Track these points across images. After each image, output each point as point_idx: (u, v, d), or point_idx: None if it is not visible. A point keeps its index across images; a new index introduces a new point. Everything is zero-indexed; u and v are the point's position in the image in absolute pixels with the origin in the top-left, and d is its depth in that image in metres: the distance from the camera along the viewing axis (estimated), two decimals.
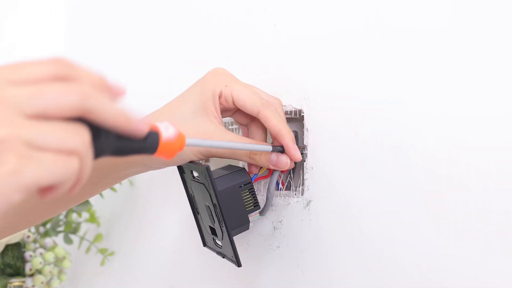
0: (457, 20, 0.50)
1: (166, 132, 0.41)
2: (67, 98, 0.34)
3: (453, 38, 0.50)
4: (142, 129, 0.39)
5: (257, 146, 0.58)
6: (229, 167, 0.63)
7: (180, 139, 0.43)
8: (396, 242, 0.54)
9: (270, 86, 0.63)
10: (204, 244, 0.65)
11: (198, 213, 0.63)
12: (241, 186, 0.59)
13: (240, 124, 0.65)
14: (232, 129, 0.72)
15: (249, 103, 0.59)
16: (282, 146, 0.59)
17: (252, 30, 0.71)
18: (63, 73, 0.36)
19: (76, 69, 0.37)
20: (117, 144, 0.38)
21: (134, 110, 0.39)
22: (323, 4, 0.62)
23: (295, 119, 0.64)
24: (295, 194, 0.64)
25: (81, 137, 0.35)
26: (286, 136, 0.58)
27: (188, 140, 0.46)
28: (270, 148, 0.58)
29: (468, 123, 0.49)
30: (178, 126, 0.43)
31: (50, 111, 0.34)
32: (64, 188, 0.35)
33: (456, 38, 0.50)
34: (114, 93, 0.39)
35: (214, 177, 0.56)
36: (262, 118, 0.59)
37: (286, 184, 0.66)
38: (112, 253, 0.94)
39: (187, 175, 0.61)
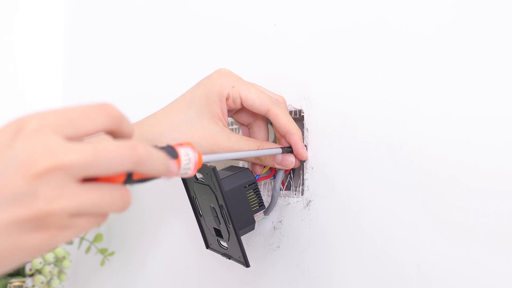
0: (457, 21, 0.50)
1: (184, 170, 0.44)
2: (121, 166, 0.36)
3: (453, 38, 0.50)
4: (175, 173, 0.42)
5: (268, 151, 0.59)
6: (232, 167, 0.63)
7: (198, 161, 0.45)
8: (396, 242, 0.54)
9: (270, 86, 0.63)
10: (207, 247, 0.65)
11: (201, 215, 0.63)
12: (246, 187, 0.59)
13: (241, 124, 0.65)
14: (232, 129, 0.72)
15: (258, 102, 0.59)
16: (290, 147, 0.60)
17: (252, 30, 0.71)
18: (114, 128, 0.37)
19: (122, 123, 0.38)
20: (142, 181, 0.41)
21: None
22: (323, 4, 0.62)
23: (295, 119, 0.64)
24: (295, 194, 0.64)
25: (123, 203, 0.37)
26: (296, 134, 0.59)
27: (205, 157, 0.48)
28: (280, 150, 0.59)
29: (468, 123, 0.49)
30: (197, 151, 0.45)
31: (102, 174, 0.35)
32: None
33: (456, 39, 0.50)
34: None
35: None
36: (272, 116, 0.59)
37: (286, 184, 0.66)
38: (112, 253, 0.94)
39: (188, 178, 0.61)
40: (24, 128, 0.34)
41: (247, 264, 0.58)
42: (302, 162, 0.63)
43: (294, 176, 0.66)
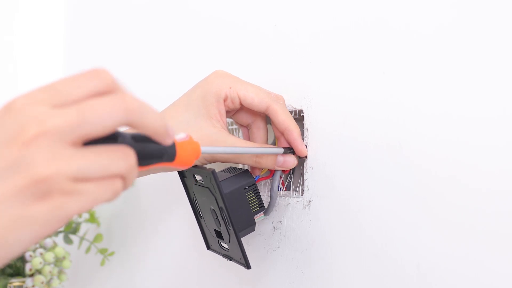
0: (457, 21, 0.50)
1: (179, 137, 0.42)
2: (110, 119, 0.34)
3: (453, 38, 0.50)
4: (172, 138, 0.39)
5: (270, 149, 0.59)
6: (231, 169, 0.63)
7: (195, 147, 0.44)
8: (396, 242, 0.54)
9: (270, 86, 0.63)
10: (208, 247, 0.65)
11: (201, 216, 0.63)
12: (245, 188, 0.59)
13: (241, 125, 0.65)
14: (232, 129, 0.72)
15: (257, 100, 0.59)
16: (290, 148, 0.60)
17: (252, 30, 0.71)
18: (104, 88, 0.35)
19: (116, 87, 0.36)
20: (142, 151, 0.39)
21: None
22: (323, 4, 0.62)
23: (295, 119, 0.64)
24: (295, 194, 0.64)
25: (127, 162, 0.35)
26: (295, 130, 0.59)
27: (203, 148, 0.47)
28: (281, 150, 0.59)
29: (468, 123, 0.49)
30: (190, 137, 0.44)
31: (95, 133, 0.34)
32: (109, 202, 0.36)
33: (456, 39, 0.50)
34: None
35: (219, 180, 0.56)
36: (272, 112, 0.59)
37: (286, 184, 0.66)
38: (112, 253, 0.94)
39: (188, 180, 0.61)
40: (13, 105, 0.34)
41: (248, 266, 0.58)
42: (302, 162, 0.63)
43: (294, 176, 0.66)
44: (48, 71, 1.17)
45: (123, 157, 0.35)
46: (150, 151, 0.39)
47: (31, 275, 0.89)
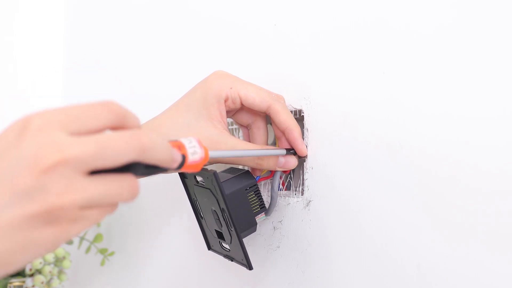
0: (457, 21, 0.50)
1: (193, 156, 0.44)
2: (126, 156, 0.36)
3: (453, 38, 0.50)
4: (179, 161, 0.42)
5: (272, 151, 0.59)
6: (232, 169, 0.63)
7: (204, 155, 0.45)
8: (396, 242, 0.54)
9: (270, 86, 0.63)
10: (209, 248, 0.65)
11: (202, 217, 0.63)
12: (247, 189, 0.59)
13: (241, 125, 0.65)
14: (232, 129, 0.72)
15: (258, 99, 0.59)
16: (292, 149, 0.61)
17: (252, 30, 0.71)
18: (117, 124, 0.38)
19: (126, 119, 0.38)
20: (149, 172, 0.40)
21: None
22: (323, 4, 0.62)
23: (295, 119, 0.64)
24: (295, 194, 0.64)
25: (131, 193, 0.38)
26: (295, 130, 0.60)
27: (211, 153, 0.48)
28: (284, 152, 0.60)
29: (468, 123, 0.49)
30: (203, 146, 0.45)
31: (107, 166, 0.36)
32: None
33: (456, 39, 0.50)
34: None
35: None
36: (272, 112, 0.59)
37: (286, 184, 0.66)
38: (112, 253, 0.94)
39: (189, 180, 0.61)
40: (29, 126, 0.35)
41: (250, 267, 0.58)
42: (302, 162, 0.63)
43: (294, 176, 0.66)
44: (48, 71, 1.17)
45: (128, 189, 0.37)
46: (159, 170, 0.41)
47: (31, 275, 0.89)
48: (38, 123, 0.35)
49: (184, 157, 0.43)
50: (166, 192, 0.86)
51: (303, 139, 0.62)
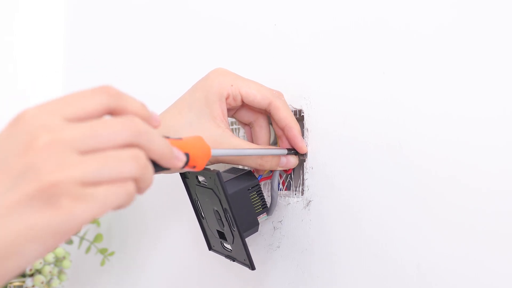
0: (457, 21, 0.50)
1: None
2: (120, 136, 0.35)
3: (453, 38, 0.50)
4: (182, 160, 0.41)
5: (274, 151, 0.59)
6: (234, 169, 0.63)
7: (206, 151, 0.45)
8: (396, 242, 0.54)
9: (270, 86, 0.63)
10: (210, 248, 0.65)
11: (203, 217, 0.63)
12: (249, 189, 0.59)
13: (243, 123, 0.65)
14: (233, 129, 0.72)
15: (259, 97, 0.59)
16: (293, 149, 0.61)
17: (252, 30, 0.71)
18: (113, 105, 0.37)
19: (124, 99, 0.38)
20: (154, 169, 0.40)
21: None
22: (323, 4, 0.62)
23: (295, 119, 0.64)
24: (295, 194, 0.64)
25: (137, 162, 0.36)
26: (295, 127, 0.60)
27: (214, 151, 0.48)
28: (285, 152, 0.60)
29: (468, 123, 0.49)
30: (202, 138, 0.45)
31: (103, 147, 0.35)
32: (124, 206, 0.36)
33: (456, 39, 0.50)
34: (152, 122, 0.40)
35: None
36: (273, 108, 0.59)
37: (286, 184, 0.66)
38: (112, 253, 0.94)
39: (190, 180, 0.61)
40: (25, 116, 0.35)
41: (252, 267, 0.58)
42: (302, 162, 0.63)
43: (294, 176, 0.66)
44: (48, 71, 1.17)
45: (133, 158, 0.36)
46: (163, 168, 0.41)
47: (31, 275, 0.89)
48: (32, 112, 0.35)
49: (188, 156, 0.43)
50: (167, 192, 0.86)
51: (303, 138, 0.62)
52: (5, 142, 0.34)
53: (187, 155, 0.43)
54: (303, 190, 0.63)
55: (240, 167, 0.69)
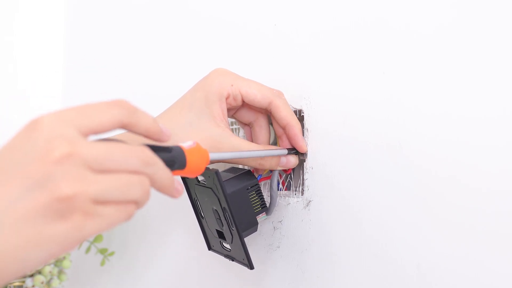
0: (457, 21, 0.50)
1: (187, 144, 0.45)
2: (131, 162, 0.37)
3: (453, 38, 0.50)
4: (180, 192, 0.43)
5: (275, 151, 0.59)
6: (233, 169, 0.63)
7: (204, 155, 0.46)
8: (396, 242, 0.54)
9: (270, 86, 0.63)
10: (209, 248, 0.65)
11: (202, 217, 0.63)
12: (248, 189, 0.59)
13: (243, 123, 0.65)
14: (233, 129, 0.72)
15: (260, 96, 0.59)
16: (293, 149, 0.61)
17: (252, 30, 0.71)
18: (127, 120, 0.39)
19: (138, 114, 0.40)
20: None
21: None
22: (323, 4, 0.62)
23: None
24: (295, 194, 0.64)
25: (143, 189, 0.38)
26: (296, 126, 0.60)
27: (212, 155, 0.49)
28: (285, 152, 0.60)
29: (468, 123, 0.49)
30: (198, 144, 0.46)
31: (115, 169, 0.37)
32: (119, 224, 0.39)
33: (456, 39, 0.50)
34: (163, 137, 0.42)
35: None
36: (274, 107, 0.60)
37: (286, 184, 0.66)
38: (112, 253, 0.94)
39: (190, 180, 0.61)
40: (42, 123, 0.36)
41: (251, 266, 0.58)
42: (302, 162, 0.63)
43: (294, 176, 0.66)
44: (48, 71, 1.17)
45: (140, 184, 0.38)
46: (162, 160, 0.41)
47: (31, 275, 0.89)
48: (49, 120, 0.36)
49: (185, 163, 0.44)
50: None
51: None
52: (20, 145, 0.35)
53: (183, 154, 0.44)
54: (303, 190, 0.63)
55: (240, 166, 0.69)
